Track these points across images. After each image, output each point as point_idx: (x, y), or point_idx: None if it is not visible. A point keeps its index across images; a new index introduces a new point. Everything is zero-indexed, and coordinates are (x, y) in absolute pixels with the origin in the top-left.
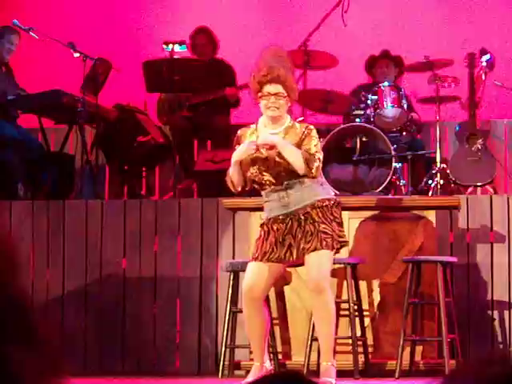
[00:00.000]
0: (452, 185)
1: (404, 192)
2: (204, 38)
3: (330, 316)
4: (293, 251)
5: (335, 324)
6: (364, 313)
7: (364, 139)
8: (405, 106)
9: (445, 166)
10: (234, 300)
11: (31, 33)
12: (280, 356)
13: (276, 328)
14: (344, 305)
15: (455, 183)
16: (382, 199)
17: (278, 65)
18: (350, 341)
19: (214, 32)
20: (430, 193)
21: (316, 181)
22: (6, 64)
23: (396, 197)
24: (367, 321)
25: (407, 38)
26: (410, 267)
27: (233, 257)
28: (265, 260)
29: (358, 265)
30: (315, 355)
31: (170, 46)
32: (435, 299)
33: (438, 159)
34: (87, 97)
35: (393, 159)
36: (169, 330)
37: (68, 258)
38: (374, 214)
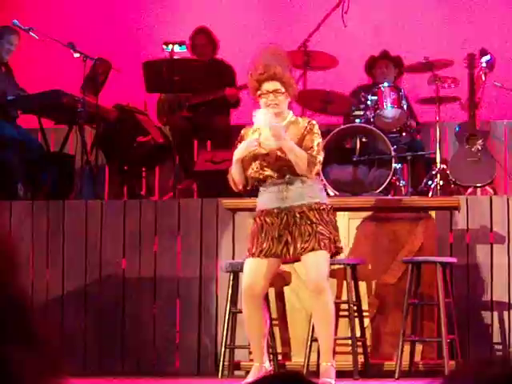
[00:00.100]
0: (452, 185)
1: (404, 193)
2: (204, 39)
3: (330, 317)
4: (289, 248)
5: (335, 324)
6: (364, 313)
7: (364, 140)
8: (404, 107)
9: (445, 167)
10: (234, 300)
11: (31, 33)
12: (280, 357)
13: (276, 328)
14: (344, 305)
15: (455, 184)
16: (382, 200)
17: (274, 62)
18: (350, 341)
19: (214, 32)
20: (430, 193)
21: (317, 183)
22: (6, 64)
23: (396, 197)
24: (367, 321)
25: (407, 39)
26: (410, 268)
27: (232, 257)
28: (262, 256)
29: (358, 265)
30: (315, 356)
31: (170, 47)
32: (435, 300)
33: (438, 160)
34: (87, 97)
35: (393, 160)
36: (168, 331)
37: (68, 258)
38: (374, 215)
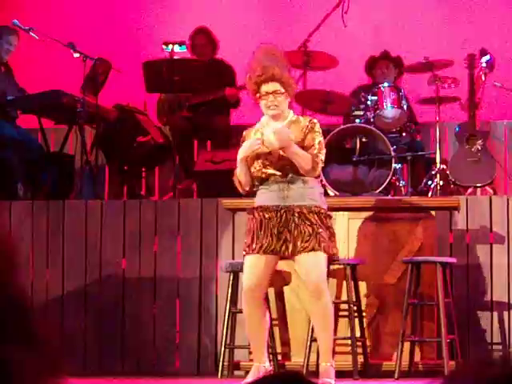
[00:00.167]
0: (452, 186)
1: (404, 193)
2: (204, 39)
3: (329, 317)
4: (288, 246)
5: (334, 325)
6: (363, 313)
7: (364, 140)
8: (404, 107)
9: (444, 167)
10: (234, 300)
11: (31, 33)
12: (279, 357)
13: (275, 329)
14: (343, 305)
15: (455, 184)
16: (382, 200)
17: (272, 63)
18: (350, 341)
19: (214, 32)
20: (430, 193)
21: (318, 186)
22: (6, 64)
23: (396, 197)
24: (366, 321)
25: (407, 39)
26: (410, 268)
27: (232, 257)
28: (261, 252)
29: (358, 265)
30: (314, 356)
31: (170, 47)
32: (435, 300)
33: (438, 160)
34: (87, 97)
35: (392, 160)
36: (168, 331)
37: (68, 258)
38: (374, 215)
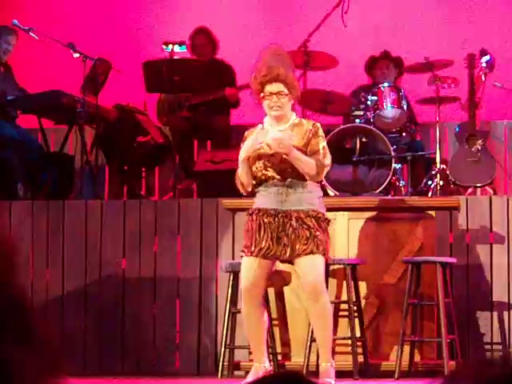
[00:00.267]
0: (452, 186)
1: (404, 193)
2: (204, 39)
3: (328, 318)
4: (286, 250)
5: (333, 325)
6: (363, 313)
7: (364, 140)
8: (404, 107)
9: (444, 167)
10: (234, 300)
11: (31, 33)
12: (279, 357)
13: (275, 329)
14: (343, 305)
15: (455, 184)
16: (382, 200)
17: (278, 64)
18: (350, 341)
19: (214, 32)
20: (430, 193)
21: (317, 190)
22: (5, 64)
23: (396, 197)
24: (366, 321)
25: (407, 39)
26: (410, 268)
27: (232, 257)
28: (261, 256)
29: (358, 265)
30: (314, 356)
31: (170, 47)
32: (435, 300)
33: (438, 160)
34: (87, 97)
35: (392, 160)
36: (168, 331)
37: (67, 259)
38: (374, 215)
